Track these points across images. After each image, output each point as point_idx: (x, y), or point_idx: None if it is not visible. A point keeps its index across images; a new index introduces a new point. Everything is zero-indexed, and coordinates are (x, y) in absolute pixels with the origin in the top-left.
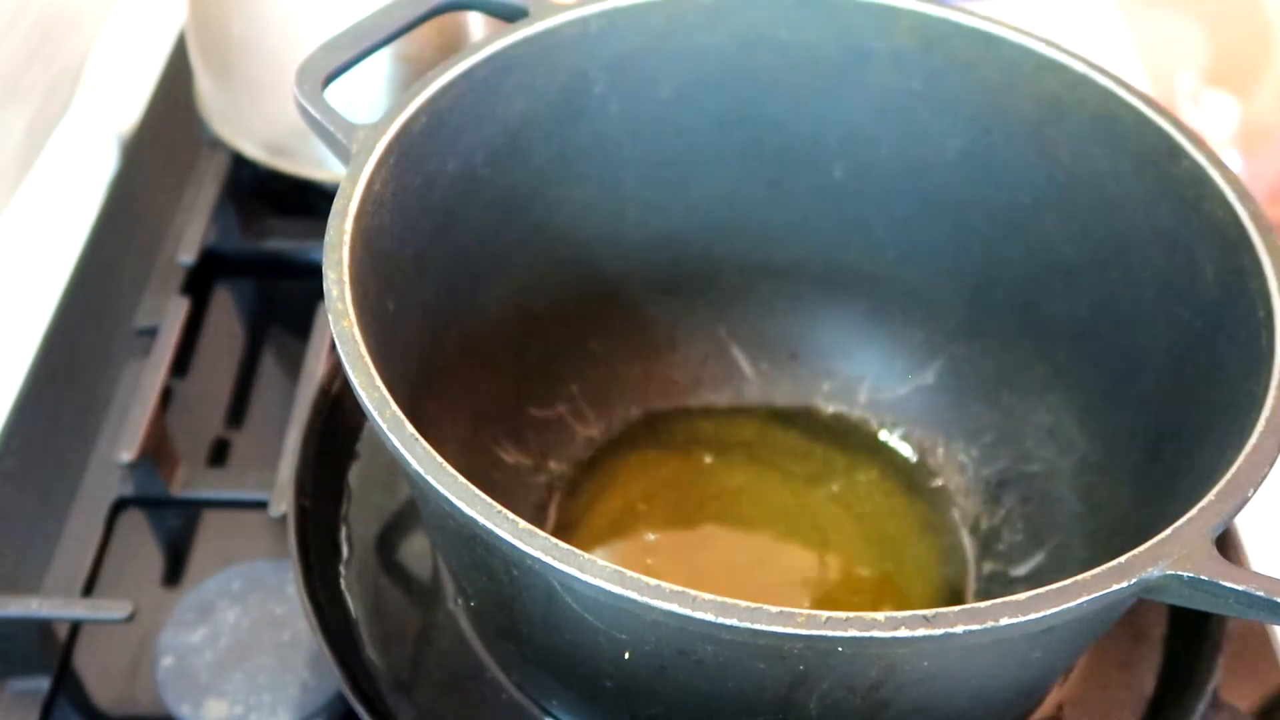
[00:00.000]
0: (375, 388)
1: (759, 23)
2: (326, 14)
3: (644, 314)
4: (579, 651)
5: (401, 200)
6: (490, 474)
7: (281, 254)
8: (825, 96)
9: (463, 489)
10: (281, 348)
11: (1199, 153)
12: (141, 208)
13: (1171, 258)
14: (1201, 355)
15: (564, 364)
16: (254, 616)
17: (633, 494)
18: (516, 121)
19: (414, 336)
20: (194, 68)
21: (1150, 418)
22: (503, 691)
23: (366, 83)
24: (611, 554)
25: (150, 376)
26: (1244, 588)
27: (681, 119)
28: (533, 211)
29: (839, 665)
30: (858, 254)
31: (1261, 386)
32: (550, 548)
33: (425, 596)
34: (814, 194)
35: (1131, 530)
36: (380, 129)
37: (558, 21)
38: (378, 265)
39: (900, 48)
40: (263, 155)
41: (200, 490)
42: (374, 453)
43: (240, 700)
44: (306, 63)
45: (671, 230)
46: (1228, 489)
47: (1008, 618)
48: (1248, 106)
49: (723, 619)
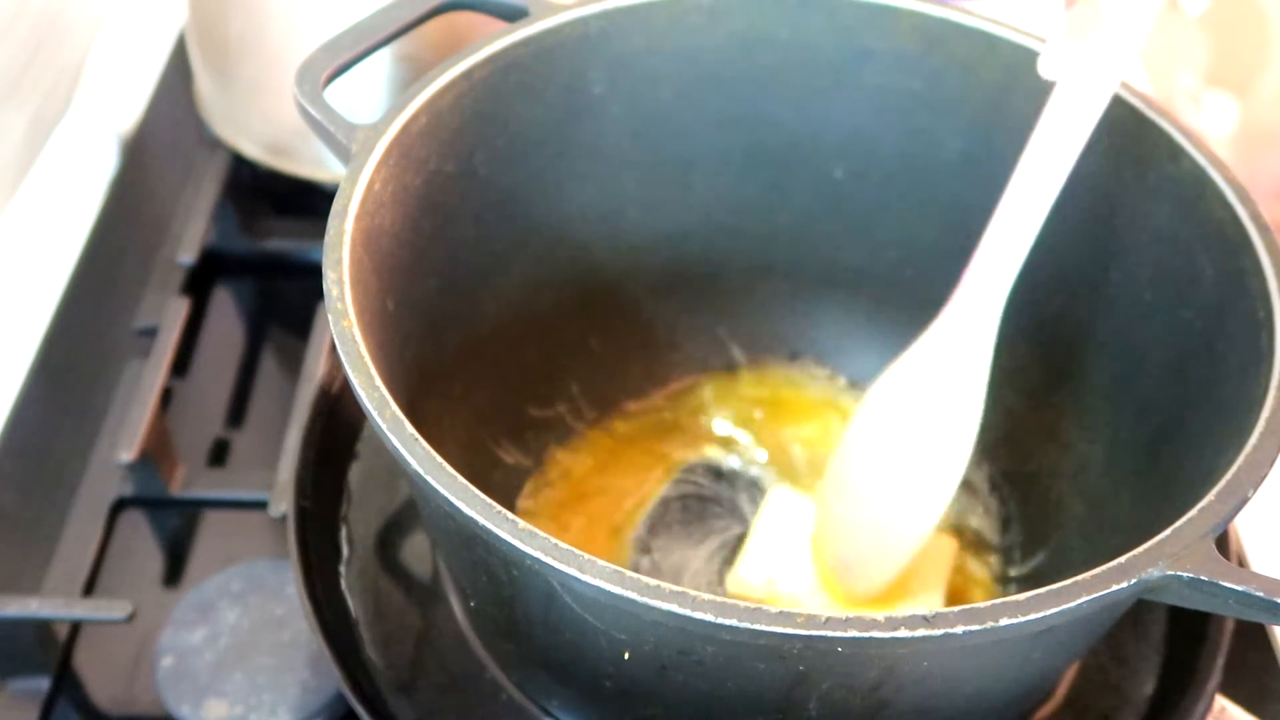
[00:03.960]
0: (375, 388)
1: (759, 23)
2: (326, 14)
3: (644, 314)
4: (579, 651)
5: (401, 200)
6: (490, 474)
7: (281, 254)
8: (825, 96)
9: (463, 489)
10: (281, 348)
11: (1199, 153)
12: (141, 208)
13: (1171, 258)
14: (1201, 355)
15: (564, 364)
16: (254, 616)
17: (633, 494)
18: (516, 121)
19: (414, 336)
20: (194, 68)
21: (1150, 418)
22: (503, 691)
23: (366, 83)
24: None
25: (150, 376)
26: (1244, 588)
27: (681, 119)
28: (533, 211)
29: (839, 665)
30: (858, 254)
31: (1261, 386)
32: (550, 548)
33: (425, 596)
34: (814, 194)
35: (1131, 530)
36: (380, 129)
37: (558, 21)
38: (378, 265)
39: (900, 48)
40: (263, 155)
41: (200, 490)
42: (374, 453)
43: (240, 700)
44: (306, 63)
45: (671, 230)
46: (1228, 489)
47: (1008, 618)
48: (1248, 106)
49: (722, 619)
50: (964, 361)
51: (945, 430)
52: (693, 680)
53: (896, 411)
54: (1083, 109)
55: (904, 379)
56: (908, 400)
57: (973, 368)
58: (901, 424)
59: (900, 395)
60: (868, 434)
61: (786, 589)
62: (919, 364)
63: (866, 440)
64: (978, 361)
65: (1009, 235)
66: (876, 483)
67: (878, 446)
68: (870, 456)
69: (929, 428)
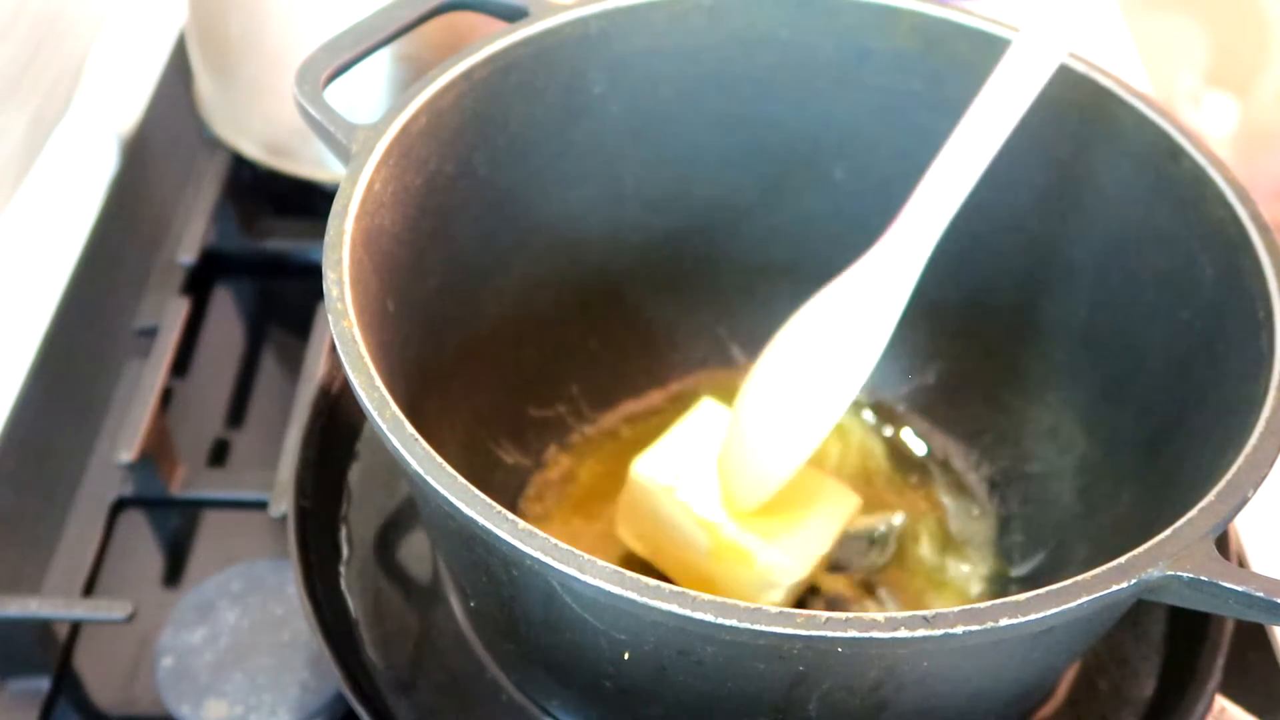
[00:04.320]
0: (375, 388)
1: (759, 23)
2: (326, 14)
3: (644, 314)
4: (579, 651)
5: (401, 200)
6: (490, 474)
7: (281, 254)
8: (825, 96)
9: (463, 489)
10: (281, 348)
11: (1199, 153)
12: (141, 208)
13: (1171, 258)
14: (1201, 355)
15: (564, 364)
16: (254, 616)
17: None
18: (516, 121)
19: (414, 336)
20: (194, 68)
21: (1150, 418)
22: (503, 691)
23: (366, 83)
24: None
25: (150, 376)
26: (1244, 588)
27: (681, 119)
28: (533, 211)
29: (839, 666)
30: (858, 254)
31: (1261, 386)
32: (550, 548)
33: (425, 596)
34: (814, 194)
35: (1131, 530)
36: (380, 129)
37: (558, 21)
38: (378, 265)
39: (900, 48)
40: (263, 155)
41: (200, 490)
42: (374, 453)
43: (240, 700)
44: (306, 63)
45: (671, 230)
46: (1227, 489)
47: (1007, 618)
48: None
49: (722, 619)
50: (873, 305)
51: (839, 362)
52: (693, 680)
53: (805, 334)
54: (1033, 63)
55: (820, 309)
56: (817, 328)
57: (880, 313)
58: (804, 346)
59: (813, 323)
60: (777, 349)
61: (686, 492)
62: (836, 297)
63: (774, 355)
64: (887, 308)
65: (944, 184)
66: (768, 394)
67: (779, 361)
68: (772, 371)
69: (826, 356)
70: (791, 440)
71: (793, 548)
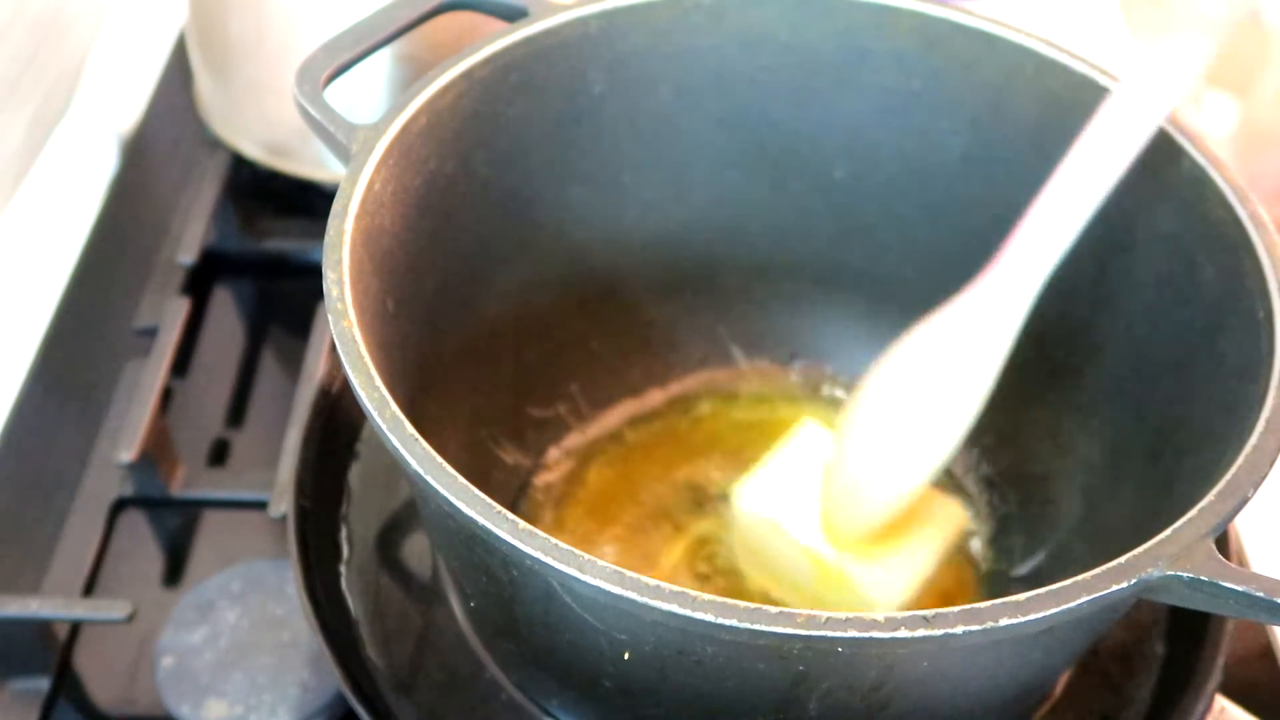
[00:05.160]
0: (375, 388)
1: (759, 23)
2: (326, 14)
3: (644, 314)
4: (579, 651)
5: (401, 200)
6: (490, 474)
7: (281, 254)
8: (825, 97)
9: (463, 489)
10: (281, 348)
11: (1199, 153)
12: (141, 208)
13: (1171, 258)
14: (1201, 355)
15: (564, 364)
16: (254, 616)
17: (631, 494)
18: (516, 122)
19: (414, 336)
20: (194, 68)
21: (1150, 418)
22: (503, 691)
23: (366, 83)
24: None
25: (150, 376)
26: (1244, 588)
27: (681, 119)
28: (533, 211)
29: (839, 665)
30: (858, 254)
31: (1261, 386)
32: (550, 548)
33: (425, 596)
34: (814, 194)
35: (1131, 530)
36: (380, 129)
37: (558, 21)
38: (378, 265)
39: (900, 48)
40: (263, 155)
41: (200, 490)
42: (374, 453)
43: (240, 700)
44: (306, 63)
45: (671, 230)
46: (1227, 489)
47: (1007, 618)
48: (1248, 106)
49: (722, 619)
50: (987, 334)
51: (954, 394)
52: (693, 680)
53: (916, 364)
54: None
55: (931, 337)
56: (928, 356)
57: (994, 342)
58: (916, 377)
59: (923, 350)
60: (885, 379)
61: (788, 521)
62: (947, 327)
63: (882, 385)
64: (1000, 337)
65: (1065, 204)
66: (878, 425)
67: (889, 393)
68: (880, 400)
69: (940, 387)
70: (900, 474)
71: (895, 568)
